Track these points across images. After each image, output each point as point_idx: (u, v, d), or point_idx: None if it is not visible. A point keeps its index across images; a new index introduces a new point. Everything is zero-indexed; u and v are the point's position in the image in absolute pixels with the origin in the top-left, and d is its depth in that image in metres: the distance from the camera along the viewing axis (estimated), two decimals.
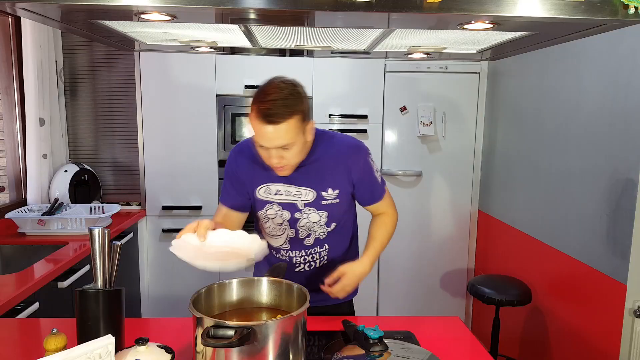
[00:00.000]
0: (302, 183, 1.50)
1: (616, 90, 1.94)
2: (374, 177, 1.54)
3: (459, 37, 1.49)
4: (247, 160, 1.53)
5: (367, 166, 1.52)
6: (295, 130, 1.33)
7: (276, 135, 1.31)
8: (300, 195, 1.50)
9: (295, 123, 1.32)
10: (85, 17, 1.26)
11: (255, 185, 1.53)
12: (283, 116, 1.30)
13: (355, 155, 1.51)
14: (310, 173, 1.49)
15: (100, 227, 1.16)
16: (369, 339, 1.23)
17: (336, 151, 1.50)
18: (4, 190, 2.90)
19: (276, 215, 1.53)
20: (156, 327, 1.46)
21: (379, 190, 1.57)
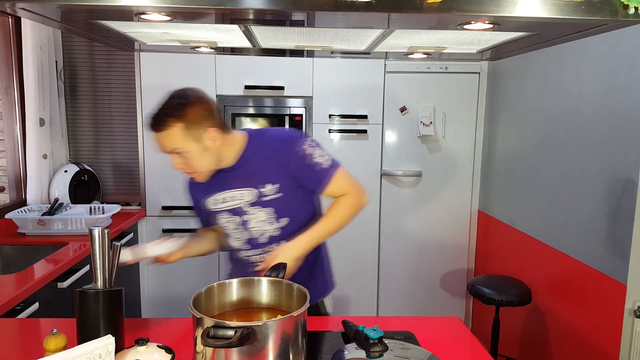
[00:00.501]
0: (241, 185, 1.54)
1: (616, 91, 1.94)
2: (314, 162, 1.52)
3: (459, 38, 1.49)
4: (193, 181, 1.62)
5: (302, 154, 1.51)
6: (180, 137, 1.41)
7: (162, 142, 1.43)
8: (243, 197, 1.54)
9: (178, 130, 1.40)
10: (85, 17, 1.26)
11: (205, 200, 1.60)
12: (163, 123, 1.40)
13: (287, 147, 1.52)
14: (246, 173, 1.53)
15: (100, 227, 1.16)
16: (369, 339, 1.23)
17: (267, 147, 1.53)
18: (4, 190, 2.90)
19: (229, 222, 1.58)
20: (156, 327, 1.46)
21: (324, 173, 1.54)
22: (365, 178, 3.13)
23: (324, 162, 1.53)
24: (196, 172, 1.49)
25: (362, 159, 3.12)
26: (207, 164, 1.49)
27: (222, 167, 1.53)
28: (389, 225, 3.21)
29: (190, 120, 1.41)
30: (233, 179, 1.54)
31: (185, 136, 1.41)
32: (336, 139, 3.10)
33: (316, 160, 1.52)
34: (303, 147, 1.52)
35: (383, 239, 3.22)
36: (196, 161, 1.46)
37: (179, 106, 1.42)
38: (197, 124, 1.43)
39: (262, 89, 3.01)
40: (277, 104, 3.06)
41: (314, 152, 1.53)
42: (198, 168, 1.48)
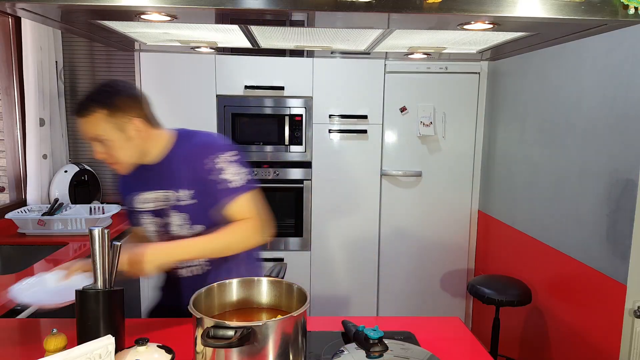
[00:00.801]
0: (163, 185, 1.51)
1: (616, 91, 1.94)
2: (220, 179, 1.44)
3: (458, 38, 1.49)
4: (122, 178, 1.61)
5: (211, 167, 1.44)
6: (103, 125, 1.40)
7: (84, 128, 1.42)
8: (165, 200, 1.51)
9: (102, 117, 1.40)
10: (85, 18, 1.26)
11: (131, 198, 1.58)
12: (87, 109, 1.40)
13: (201, 155, 1.46)
14: (166, 174, 1.50)
15: (100, 228, 1.16)
16: (369, 339, 1.23)
17: (187, 150, 1.50)
18: (4, 190, 2.90)
19: (151, 223, 1.56)
20: (156, 328, 1.46)
21: (228, 192, 1.45)
22: (365, 178, 3.14)
23: (234, 181, 1.45)
24: (117, 162, 1.47)
25: (362, 159, 3.12)
26: (129, 156, 1.47)
27: (145, 162, 1.51)
28: (389, 225, 3.22)
29: (114, 108, 1.41)
30: (156, 178, 1.52)
31: (108, 124, 1.41)
32: (336, 139, 3.10)
33: (224, 177, 1.44)
34: (216, 159, 1.45)
35: (383, 239, 3.22)
36: (117, 151, 1.44)
37: (105, 94, 1.42)
38: (121, 112, 1.42)
39: (262, 89, 3.01)
40: (277, 104, 3.06)
41: (227, 168, 1.45)
42: (119, 158, 1.45)
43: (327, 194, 3.13)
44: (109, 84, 1.46)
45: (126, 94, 1.45)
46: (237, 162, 1.48)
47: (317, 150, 3.10)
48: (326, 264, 3.19)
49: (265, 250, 3.16)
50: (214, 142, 1.52)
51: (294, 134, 3.07)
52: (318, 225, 3.15)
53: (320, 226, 3.16)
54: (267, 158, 3.10)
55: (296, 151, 3.10)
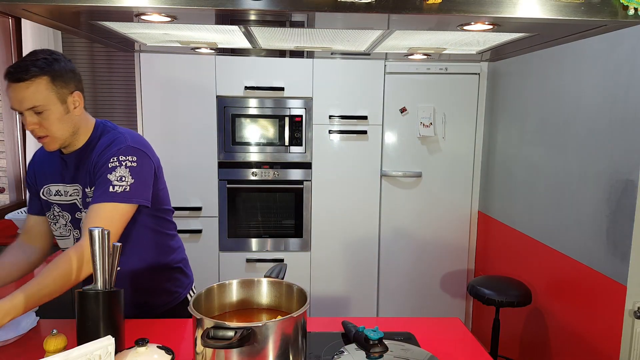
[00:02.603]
0: (74, 179, 1.46)
1: (616, 92, 1.94)
2: (105, 178, 1.35)
3: (458, 38, 1.49)
4: (35, 163, 1.55)
5: (106, 162, 1.36)
6: (44, 93, 1.32)
7: (22, 95, 1.30)
8: (76, 194, 1.46)
9: (44, 85, 1.32)
10: (85, 19, 1.26)
11: (40, 187, 1.52)
12: (29, 73, 1.29)
13: (105, 150, 1.40)
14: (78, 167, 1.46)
15: (100, 228, 1.16)
16: (369, 340, 1.23)
17: (99, 144, 1.44)
18: (3, 191, 2.90)
19: (59, 216, 1.51)
20: (156, 328, 1.46)
21: (101, 195, 1.34)
22: (365, 179, 3.14)
23: (115, 186, 1.34)
24: (49, 136, 1.38)
25: (362, 159, 3.13)
26: (64, 131, 1.39)
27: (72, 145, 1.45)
28: (389, 226, 3.22)
29: (57, 76, 1.34)
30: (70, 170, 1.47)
31: (50, 92, 1.33)
32: (336, 139, 3.10)
33: (113, 177, 1.35)
34: (115, 158, 1.37)
35: (383, 239, 3.22)
36: (54, 124, 1.36)
37: (48, 60, 1.34)
38: (63, 82, 1.36)
39: (262, 90, 3.01)
40: (277, 105, 3.06)
41: (117, 170, 1.36)
42: (53, 132, 1.37)
43: (327, 194, 3.13)
44: (49, 52, 1.37)
45: (67, 66, 1.39)
46: (129, 167, 1.38)
47: (317, 151, 3.10)
48: (326, 264, 3.19)
49: (265, 251, 3.16)
50: (122, 141, 1.42)
51: (294, 134, 3.08)
52: (318, 226, 3.15)
53: (320, 227, 3.16)
54: (267, 159, 3.10)
55: (296, 152, 3.10)
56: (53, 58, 1.36)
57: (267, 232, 3.15)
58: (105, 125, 1.51)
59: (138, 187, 1.38)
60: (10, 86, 1.32)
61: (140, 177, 1.39)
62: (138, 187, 1.38)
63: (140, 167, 1.40)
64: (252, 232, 3.15)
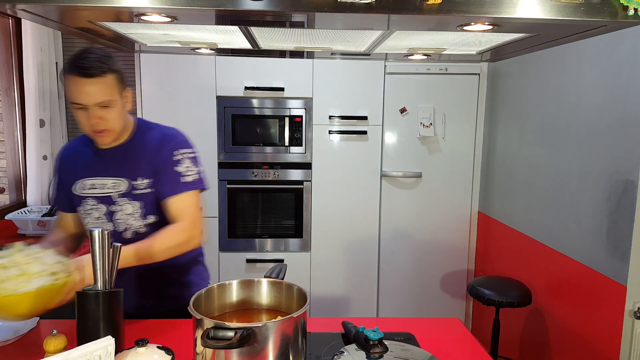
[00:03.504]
0: (115, 173, 1.50)
1: (616, 92, 1.94)
2: (172, 171, 1.47)
3: (458, 39, 1.49)
4: (65, 158, 1.59)
5: (169, 157, 1.48)
6: (112, 89, 1.39)
7: (94, 90, 1.36)
8: (114, 186, 1.50)
9: (113, 81, 1.39)
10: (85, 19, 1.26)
11: (72, 182, 1.55)
12: (100, 70, 1.36)
13: (162, 144, 1.50)
14: (123, 160, 1.50)
15: (100, 229, 1.16)
16: (369, 340, 1.23)
17: (149, 139, 1.52)
18: (4, 191, 2.90)
19: (92, 210, 1.52)
20: (156, 329, 1.46)
21: (174, 185, 1.47)
22: (365, 179, 3.14)
23: (189, 176, 1.49)
24: (110, 130, 1.44)
25: (362, 160, 3.13)
26: (120, 125, 1.47)
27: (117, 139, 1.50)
28: (389, 226, 3.22)
29: (120, 73, 1.43)
30: (111, 163, 1.51)
31: (115, 88, 1.41)
32: (336, 140, 3.10)
33: (178, 170, 1.48)
34: (176, 152, 1.49)
35: (383, 240, 3.22)
36: (115, 119, 1.43)
37: (112, 58, 1.41)
38: (122, 79, 1.44)
39: (262, 90, 3.01)
40: (277, 105, 3.06)
41: (183, 162, 1.49)
42: (114, 126, 1.44)
43: (327, 195, 3.13)
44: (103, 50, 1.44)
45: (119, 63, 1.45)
46: (193, 159, 1.52)
47: (317, 151, 3.10)
48: (326, 265, 3.19)
49: (265, 251, 3.16)
50: (177, 135, 1.55)
51: (294, 135, 3.08)
52: (318, 226, 3.15)
53: (320, 227, 3.16)
54: (267, 159, 3.10)
55: (296, 152, 3.10)
56: (111, 56, 1.43)
57: (267, 232, 3.15)
58: (145, 122, 1.59)
59: (201, 175, 1.53)
60: (77, 81, 1.35)
61: (200, 165, 1.54)
62: (201, 175, 1.53)
63: (197, 156, 1.55)
64: (252, 232, 3.15)
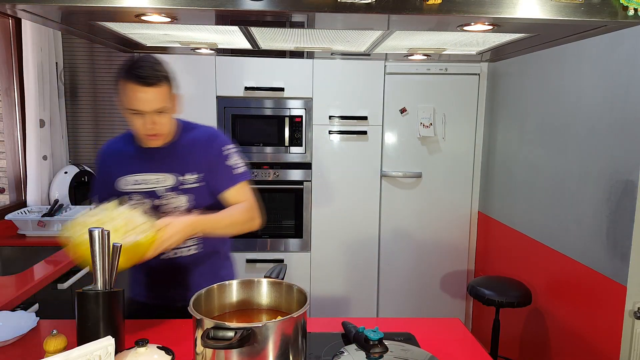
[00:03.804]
0: (161, 169, 1.56)
1: (616, 92, 1.94)
2: (224, 165, 1.58)
3: (458, 39, 1.49)
4: (108, 156, 1.65)
5: (226, 153, 1.59)
6: (167, 95, 1.46)
7: (151, 97, 1.42)
8: (159, 182, 1.56)
9: (167, 89, 1.46)
10: (85, 19, 1.26)
11: (115, 179, 1.59)
12: (158, 79, 1.43)
13: (214, 143, 1.60)
14: (170, 157, 1.57)
15: (100, 229, 1.16)
16: (369, 340, 1.23)
17: (195, 137, 1.60)
18: (4, 191, 2.90)
19: (138, 204, 1.55)
20: (156, 329, 1.46)
21: (237, 177, 1.59)
22: (365, 179, 3.14)
23: (239, 168, 1.61)
24: (162, 134, 1.51)
25: (362, 160, 3.13)
26: (171, 129, 1.54)
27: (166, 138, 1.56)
28: (389, 226, 3.22)
29: (173, 80, 1.50)
30: (157, 160, 1.57)
31: (171, 95, 1.48)
32: (336, 140, 3.10)
33: (230, 163, 1.59)
34: (227, 147, 1.61)
35: (383, 240, 3.22)
36: (168, 123, 1.51)
37: (164, 66, 1.47)
38: (174, 86, 1.51)
39: (262, 90, 3.01)
40: (277, 105, 3.06)
41: (233, 156, 1.61)
42: (165, 130, 1.51)
43: (327, 195, 3.13)
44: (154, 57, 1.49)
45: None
46: (238, 153, 1.63)
47: (317, 151, 3.10)
48: (326, 265, 3.19)
49: (265, 252, 3.16)
50: (220, 133, 1.67)
51: (294, 135, 3.08)
52: (318, 226, 3.15)
53: (320, 227, 3.16)
54: (267, 159, 3.10)
55: (296, 152, 3.10)
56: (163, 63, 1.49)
57: (267, 232, 3.15)
58: (186, 122, 1.66)
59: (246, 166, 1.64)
60: (135, 88, 1.41)
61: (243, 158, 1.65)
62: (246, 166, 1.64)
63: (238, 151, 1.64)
64: (252, 232, 3.14)
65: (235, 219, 1.55)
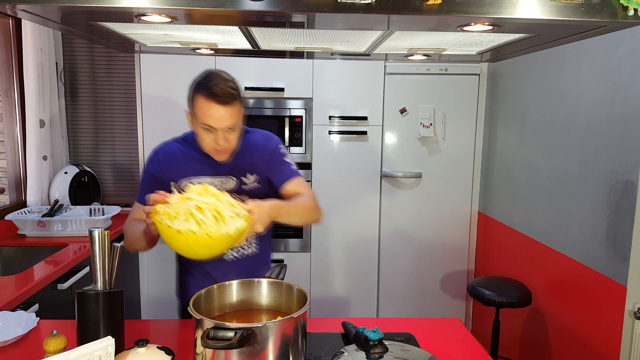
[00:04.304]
0: (223, 172, 1.60)
1: (616, 92, 1.94)
2: (283, 161, 1.65)
3: (458, 39, 1.50)
4: (167, 158, 1.64)
5: (277, 152, 1.65)
6: (240, 113, 1.50)
7: (226, 116, 1.45)
8: (223, 184, 1.59)
9: (239, 106, 1.49)
10: (85, 19, 1.26)
11: (176, 180, 1.60)
12: (233, 97, 1.45)
13: (270, 144, 1.65)
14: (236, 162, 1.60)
15: (100, 229, 1.16)
16: (369, 340, 1.23)
17: (253, 140, 1.64)
18: (4, 191, 2.90)
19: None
20: (156, 329, 1.46)
21: (289, 170, 1.65)
22: (365, 179, 3.14)
23: (292, 165, 1.68)
24: (230, 150, 1.55)
25: (362, 160, 3.13)
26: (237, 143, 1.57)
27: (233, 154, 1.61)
28: (389, 226, 3.22)
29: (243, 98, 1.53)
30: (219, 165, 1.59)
31: (241, 112, 1.51)
32: (336, 140, 3.10)
33: (286, 160, 1.66)
34: (278, 146, 1.66)
35: (383, 240, 3.22)
36: (236, 139, 1.54)
37: (237, 84, 1.51)
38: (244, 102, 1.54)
39: (262, 91, 3.01)
40: (277, 106, 3.06)
41: (287, 155, 1.68)
42: (233, 145, 1.54)
43: (327, 195, 3.13)
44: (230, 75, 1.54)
45: None
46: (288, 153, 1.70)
47: (317, 151, 3.10)
48: (326, 265, 3.19)
49: None
50: (273, 134, 1.72)
51: (294, 135, 3.08)
52: (318, 226, 3.15)
53: (320, 227, 3.15)
54: None
55: (296, 152, 3.10)
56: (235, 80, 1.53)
57: None
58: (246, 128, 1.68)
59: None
60: (210, 105, 1.43)
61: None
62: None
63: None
64: None
65: (305, 206, 1.58)
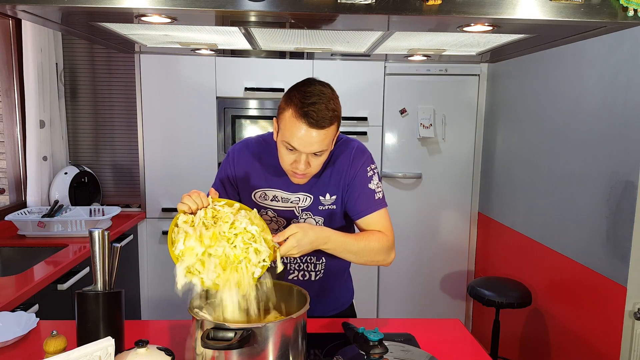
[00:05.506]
0: (299, 189, 1.45)
1: (616, 93, 1.94)
2: (366, 188, 1.43)
3: (458, 40, 1.49)
4: (245, 162, 1.49)
5: (362, 176, 1.43)
6: (332, 137, 1.30)
7: (316, 140, 1.26)
8: (298, 202, 1.45)
9: (334, 130, 1.30)
10: (85, 20, 1.26)
11: (251, 190, 1.48)
12: (329, 121, 1.25)
13: (354, 160, 1.45)
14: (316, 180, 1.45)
15: (100, 229, 1.16)
16: (369, 341, 1.23)
17: (339, 156, 1.46)
18: (4, 192, 2.90)
19: (271, 221, 1.48)
20: (156, 329, 1.46)
21: (368, 202, 1.42)
22: None
23: (378, 193, 1.45)
24: (310, 175, 1.37)
25: None
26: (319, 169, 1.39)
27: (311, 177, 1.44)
28: None
29: (340, 118, 1.31)
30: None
31: (336, 134, 1.33)
32: None
33: (370, 187, 1.43)
34: (368, 168, 1.45)
35: None
36: (320, 165, 1.35)
37: (337, 101, 1.30)
38: (340, 123, 1.33)
39: (263, 91, 3.01)
40: (277, 106, 3.05)
41: (375, 179, 1.45)
42: (316, 170, 1.36)
43: None
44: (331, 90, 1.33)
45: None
46: (378, 175, 1.47)
47: None
48: None
49: None
50: (365, 150, 1.48)
51: None
52: None
53: None
54: None
55: None
56: (336, 96, 1.31)
57: None
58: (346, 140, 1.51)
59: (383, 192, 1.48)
60: (300, 126, 1.24)
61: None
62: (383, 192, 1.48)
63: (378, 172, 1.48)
64: None
65: (370, 247, 1.37)
